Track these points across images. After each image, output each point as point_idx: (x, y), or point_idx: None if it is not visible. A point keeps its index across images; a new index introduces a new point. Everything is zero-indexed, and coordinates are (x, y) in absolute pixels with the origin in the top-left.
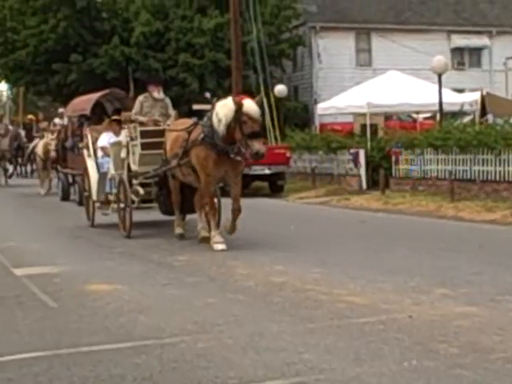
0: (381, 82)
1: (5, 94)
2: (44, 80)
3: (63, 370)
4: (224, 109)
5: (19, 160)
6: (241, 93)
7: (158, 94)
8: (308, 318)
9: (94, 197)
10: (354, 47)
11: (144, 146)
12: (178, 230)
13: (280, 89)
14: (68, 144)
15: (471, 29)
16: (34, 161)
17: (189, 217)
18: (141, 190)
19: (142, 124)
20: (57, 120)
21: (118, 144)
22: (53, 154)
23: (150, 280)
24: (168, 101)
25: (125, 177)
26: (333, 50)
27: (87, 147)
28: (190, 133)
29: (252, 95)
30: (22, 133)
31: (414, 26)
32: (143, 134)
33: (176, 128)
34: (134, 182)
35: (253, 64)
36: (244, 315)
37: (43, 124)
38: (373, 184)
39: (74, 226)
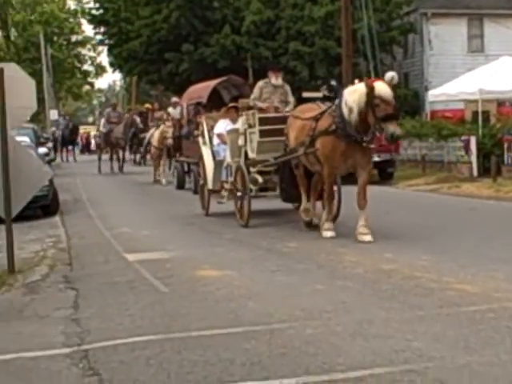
0: (493, 68)
1: (118, 83)
2: (156, 69)
3: (174, 353)
4: (354, 95)
5: (134, 147)
6: (351, 80)
7: (276, 80)
8: (417, 305)
9: (210, 185)
10: (465, 33)
11: (263, 133)
12: (305, 217)
13: (390, 75)
14: (183, 132)
15: None
16: (150, 151)
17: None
18: (259, 179)
19: (260, 110)
20: (170, 109)
21: (235, 131)
22: (170, 141)
23: (259, 266)
24: (287, 88)
25: (243, 165)
26: (444, 37)
27: (202, 135)
28: (317, 121)
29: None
30: (138, 119)
31: None
32: (262, 121)
33: (303, 115)
34: (252, 169)
35: (363, 51)
36: (352, 302)
37: (158, 113)
38: (484, 171)
39: (186, 214)
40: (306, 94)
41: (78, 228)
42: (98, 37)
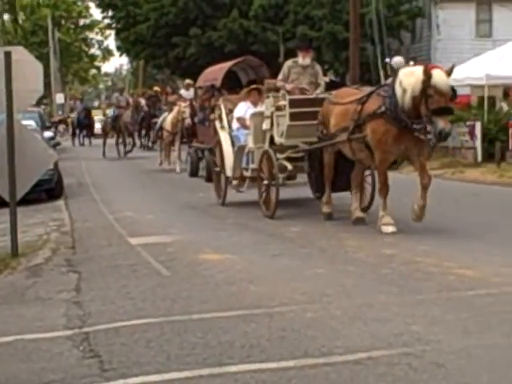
0: (501, 53)
1: (125, 67)
2: (163, 53)
3: (174, 336)
4: (410, 78)
5: (142, 132)
6: (357, 65)
7: (305, 60)
8: (416, 289)
9: (228, 172)
10: (474, 18)
11: (293, 117)
12: (326, 209)
13: (397, 60)
14: (198, 117)
15: None
16: (162, 137)
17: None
18: (289, 166)
19: (287, 92)
20: (183, 91)
21: (259, 114)
22: (188, 120)
23: (261, 250)
24: (318, 68)
25: (270, 150)
26: (452, 22)
27: (220, 119)
28: (363, 104)
29: (368, 67)
30: (142, 101)
31: None
32: (293, 103)
33: (342, 99)
34: (280, 156)
35: (370, 36)
36: (353, 286)
37: (172, 97)
38: (488, 157)
39: (193, 200)
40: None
41: (82, 212)
42: (106, 20)
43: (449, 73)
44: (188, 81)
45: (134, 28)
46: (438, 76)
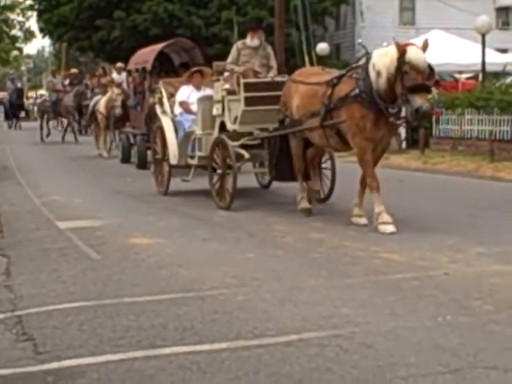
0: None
1: (47, 49)
2: (87, 36)
3: (107, 319)
4: (384, 58)
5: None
6: (282, 50)
7: (255, 41)
8: (345, 273)
9: (172, 160)
10: (397, 6)
11: (248, 101)
12: (304, 204)
13: (322, 47)
14: (130, 101)
15: None
16: (95, 120)
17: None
18: (246, 154)
19: (240, 75)
20: (114, 75)
21: (207, 99)
22: (118, 110)
23: (191, 235)
24: (270, 49)
25: (225, 137)
26: (376, 9)
27: (161, 103)
28: (333, 86)
29: (294, 53)
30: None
31: None
32: (248, 87)
33: (307, 79)
34: (234, 143)
35: (295, 22)
36: (282, 270)
37: (105, 79)
38: (412, 143)
39: (116, 183)
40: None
41: (8, 195)
42: (28, 1)
43: (424, 48)
44: (120, 64)
45: (56, 10)
46: (414, 52)
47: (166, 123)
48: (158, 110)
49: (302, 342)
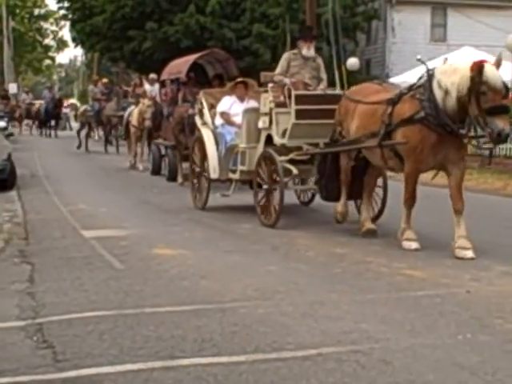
0: (454, 57)
1: (79, 58)
2: (119, 46)
3: (127, 329)
4: (452, 76)
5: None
6: None
7: (308, 51)
8: (367, 288)
9: (213, 174)
10: (429, 22)
11: (299, 115)
12: (368, 225)
13: (352, 62)
14: (164, 112)
15: None
16: (128, 132)
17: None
18: (294, 169)
19: (283, 87)
20: (147, 86)
21: (253, 111)
22: (148, 123)
23: (214, 246)
24: (320, 61)
25: (273, 153)
26: (408, 25)
27: (201, 114)
28: (393, 105)
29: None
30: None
31: (491, 1)
32: (299, 100)
33: (366, 98)
34: (282, 158)
35: (326, 36)
36: (304, 284)
37: (140, 89)
38: None
39: (143, 193)
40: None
41: (35, 203)
42: (61, 11)
43: (497, 66)
44: (152, 75)
45: (89, 20)
46: (490, 71)
47: (207, 135)
48: (198, 121)
49: (321, 357)
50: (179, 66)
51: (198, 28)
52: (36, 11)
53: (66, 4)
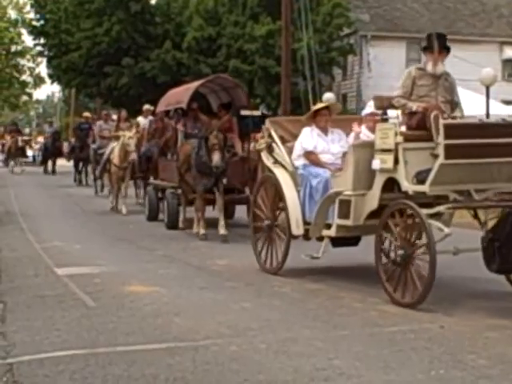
0: None
1: (57, 95)
2: (96, 82)
3: (98, 368)
4: None
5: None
6: (288, 99)
7: (440, 67)
8: (341, 324)
9: (296, 230)
10: (404, 57)
11: (451, 152)
12: None
13: (328, 96)
14: (144, 148)
15: None
16: (109, 172)
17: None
18: (445, 228)
19: (411, 114)
20: (140, 118)
21: (366, 146)
22: (133, 155)
23: (188, 283)
24: (453, 80)
25: (415, 205)
26: (383, 59)
27: (270, 149)
28: None
29: (300, 102)
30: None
31: (466, 36)
32: (449, 132)
33: None
34: (426, 211)
35: (302, 71)
36: (278, 320)
37: (125, 125)
38: None
39: (117, 229)
40: (244, 113)
41: (9, 240)
42: (38, 48)
43: None
44: (147, 106)
45: (66, 56)
46: None
47: (283, 178)
48: (267, 159)
49: None
50: (178, 96)
51: (174, 64)
52: (13, 48)
53: (43, 41)
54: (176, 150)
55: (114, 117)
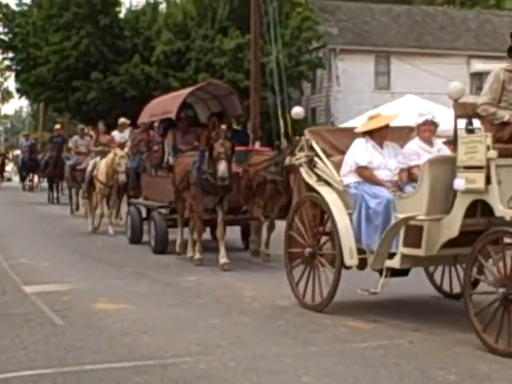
0: (398, 105)
1: (25, 109)
2: (64, 97)
3: None
4: None
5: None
6: (258, 113)
7: None
8: (310, 341)
9: (349, 259)
10: (373, 70)
11: None
12: None
13: (297, 111)
14: (133, 164)
15: (491, 54)
16: (94, 189)
17: None
18: None
19: (502, 125)
20: (115, 133)
21: (445, 162)
22: (123, 177)
23: (157, 300)
24: None
25: None
26: (352, 73)
27: (311, 164)
28: None
29: (269, 116)
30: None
31: (434, 50)
32: None
33: None
34: None
35: (271, 85)
36: (247, 337)
37: (105, 138)
38: None
39: (86, 246)
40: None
41: None
42: (6, 62)
43: None
44: (123, 120)
45: (34, 70)
46: None
47: (331, 199)
48: (308, 176)
49: None
50: (164, 105)
51: (143, 78)
52: None
53: (11, 55)
54: (161, 166)
55: (91, 133)
